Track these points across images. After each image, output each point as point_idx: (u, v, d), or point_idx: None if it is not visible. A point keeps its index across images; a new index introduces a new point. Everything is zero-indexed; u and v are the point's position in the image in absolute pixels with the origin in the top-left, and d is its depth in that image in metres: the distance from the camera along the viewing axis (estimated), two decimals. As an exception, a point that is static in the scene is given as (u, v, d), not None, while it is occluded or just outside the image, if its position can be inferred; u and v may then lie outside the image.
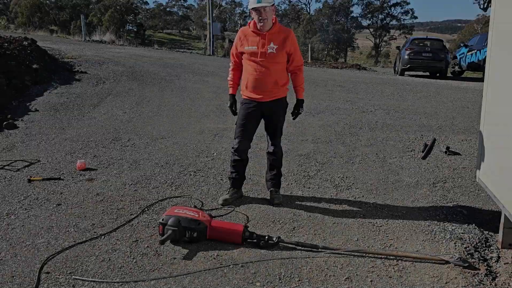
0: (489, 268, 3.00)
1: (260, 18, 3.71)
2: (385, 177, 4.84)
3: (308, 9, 60.80)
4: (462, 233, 3.48)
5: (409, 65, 16.44)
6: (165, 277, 2.82)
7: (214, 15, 33.15)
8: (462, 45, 18.25)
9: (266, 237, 3.22)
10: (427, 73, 17.72)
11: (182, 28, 72.83)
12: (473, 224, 3.68)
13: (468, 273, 2.90)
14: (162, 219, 3.27)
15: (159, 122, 7.09)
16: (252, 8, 3.71)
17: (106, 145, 5.83)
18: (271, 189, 4.12)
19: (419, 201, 4.18)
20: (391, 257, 3.09)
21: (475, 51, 16.08)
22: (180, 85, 10.24)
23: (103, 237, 3.36)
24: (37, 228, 3.48)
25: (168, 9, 69.96)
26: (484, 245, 3.33)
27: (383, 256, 3.10)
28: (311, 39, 48.95)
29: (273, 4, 3.75)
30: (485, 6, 41.89)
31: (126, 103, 8.31)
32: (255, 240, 3.23)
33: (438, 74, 16.95)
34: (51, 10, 50.86)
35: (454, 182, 4.70)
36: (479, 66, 15.95)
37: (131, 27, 54.26)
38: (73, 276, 2.81)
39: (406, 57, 16.43)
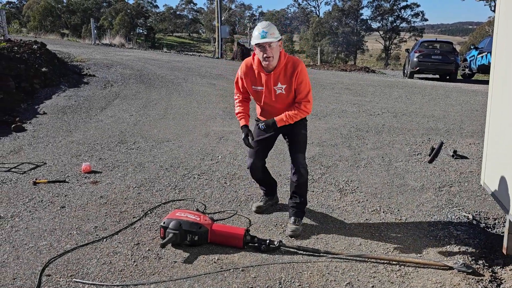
0: (493, 275, 2.95)
1: (265, 56, 3.28)
2: (390, 180, 4.79)
3: (317, 12, 60.76)
4: (467, 238, 3.43)
5: (418, 68, 16.34)
6: (165, 281, 2.81)
7: (223, 18, 33.30)
8: (472, 47, 18.08)
9: (268, 241, 3.20)
10: (437, 76, 17.58)
11: (192, 31, 73.19)
12: (479, 229, 3.63)
13: (472, 279, 2.85)
14: (164, 222, 3.27)
15: (165, 125, 7.11)
16: (256, 44, 3.30)
17: (112, 148, 5.86)
18: (292, 218, 3.58)
19: (424, 205, 4.13)
20: (394, 262, 3.05)
21: (486, 53, 15.90)
22: (187, 88, 10.28)
23: (105, 240, 3.37)
24: (40, 231, 3.51)
25: (178, 13, 70.42)
26: (489, 251, 3.27)
27: (385, 261, 3.06)
28: (321, 42, 48.88)
29: (280, 39, 3.34)
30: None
31: (133, 106, 8.36)
32: (256, 244, 3.21)
33: (447, 77, 16.81)
34: (63, 14, 51.49)
35: (460, 187, 4.64)
36: (489, 69, 15.73)
37: (141, 31, 54.70)
38: (74, 279, 2.82)
39: (415, 59, 16.33)
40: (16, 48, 10.18)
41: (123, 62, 13.28)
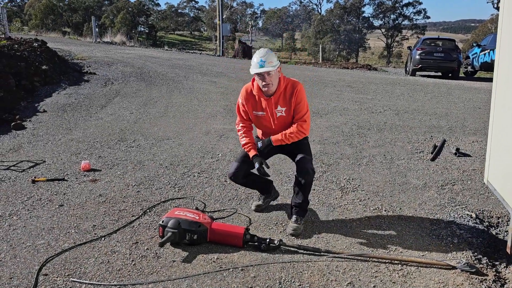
0: (497, 274, 2.90)
1: (264, 83, 3.37)
2: (392, 179, 4.74)
3: (319, 10, 60.64)
4: (470, 237, 3.38)
5: (420, 65, 16.23)
6: (163, 280, 2.77)
7: (225, 16, 33.24)
8: (475, 45, 17.98)
9: (268, 240, 3.16)
10: (439, 74, 17.48)
11: (193, 30, 73.17)
12: (482, 228, 3.57)
13: (476, 279, 2.80)
14: (162, 221, 3.23)
15: (165, 122, 7.07)
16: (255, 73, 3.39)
17: (111, 145, 5.82)
18: (294, 216, 3.54)
19: (426, 204, 4.08)
20: (396, 261, 3.01)
21: (488, 50, 15.81)
22: (188, 86, 10.23)
23: (103, 238, 3.33)
24: (38, 229, 3.47)
25: (179, 11, 70.37)
26: (492, 250, 3.23)
27: (387, 261, 3.02)
28: (322, 40, 48.79)
29: (279, 66, 3.40)
30: (499, 5, 41.23)
31: (133, 104, 8.32)
32: (256, 243, 3.17)
33: (450, 75, 16.71)
34: (64, 12, 51.48)
35: (463, 185, 4.58)
36: (492, 66, 15.65)
37: (142, 29, 54.72)
38: (71, 279, 2.78)
39: (417, 57, 16.23)
40: (16, 46, 10.16)
41: (124, 60, 13.24)
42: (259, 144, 3.56)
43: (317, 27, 51.58)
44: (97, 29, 25.21)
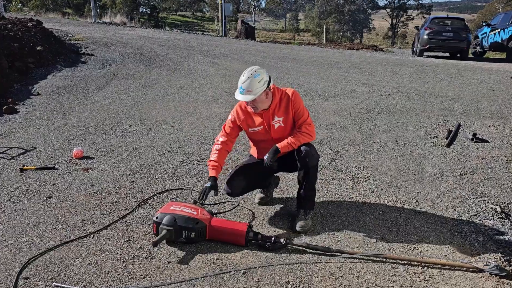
0: (530, 278, 2.59)
1: (249, 107, 3.22)
2: (406, 167, 4.41)
3: (323, -11, 59.30)
4: (496, 235, 3.07)
5: (428, 46, 15.70)
6: (157, 285, 2.48)
7: (227, -5, 32.34)
8: (484, 24, 17.40)
9: (273, 238, 2.86)
10: (447, 54, 16.96)
11: (195, 10, 71.96)
12: (509, 224, 3.25)
13: (507, 284, 2.50)
14: (156, 217, 2.93)
15: (164, 106, 6.73)
16: None
17: (106, 131, 5.50)
18: (302, 210, 3.24)
19: (445, 195, 3.75)
20: (416, 263, 2.70)
21: (499, 30, 15.28)
22: (189, 68, 9.84)
23: (92, 235, 3.04)
24: (23, 225, 3.18)
25: (181, -9, 69.03)
26: (523, 250, 2.91)
27: (406, 262, 2.71)
28: (326, 20, 47.90)
29: (266, 88, 3.08)
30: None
31: (131, 86, 7.96)
32: (260, 242, 2.87)
33: (458, 55, 16.20)
34: (65, -7, 50.56)
35: (483, 174, 4.25)
36: (502, 46, 15.16)
37: (144, 10, 53.85)
38: (54, 283, 2.49)
39: (425, 37, 15.69)
40: (9, 25, 9.73)
41: (123, 41, 12.80)
42: (265, 156, 3.16)
43: (321, 7, 50.57)
44: (98, 10, 24.62)
